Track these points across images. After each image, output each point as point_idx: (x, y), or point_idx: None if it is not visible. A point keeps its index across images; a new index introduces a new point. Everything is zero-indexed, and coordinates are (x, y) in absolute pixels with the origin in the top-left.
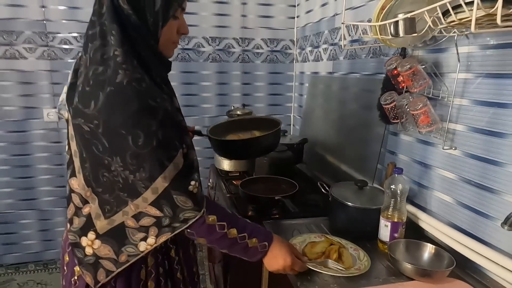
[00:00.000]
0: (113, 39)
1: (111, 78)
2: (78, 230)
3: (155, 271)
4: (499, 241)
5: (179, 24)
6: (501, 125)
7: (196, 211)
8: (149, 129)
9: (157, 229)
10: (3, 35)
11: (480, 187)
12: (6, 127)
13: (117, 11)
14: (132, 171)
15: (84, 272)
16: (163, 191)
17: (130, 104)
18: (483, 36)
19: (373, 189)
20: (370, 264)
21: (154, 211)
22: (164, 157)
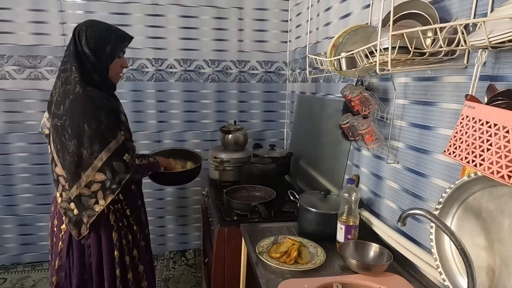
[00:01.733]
0: (74, 69)
1: (72, 90)
2: (67, 200)
3: (116, 225)
4: (427, 241)
5: (121, 61)
6: (425, 143)
7: (126, 173)
8: (99, 118)
9: (102, 193)
10: (29, 59)
11: (414, 195)
12: (28, 139)
13: (78, 53)
14: (86, 148)
15: (72, 227)
16: (106, 159)
17: (86, 104)
18: (414, 71)
19: (337, 197)
20: (325, 259)
21: (100, 176)
22: (108, 136)
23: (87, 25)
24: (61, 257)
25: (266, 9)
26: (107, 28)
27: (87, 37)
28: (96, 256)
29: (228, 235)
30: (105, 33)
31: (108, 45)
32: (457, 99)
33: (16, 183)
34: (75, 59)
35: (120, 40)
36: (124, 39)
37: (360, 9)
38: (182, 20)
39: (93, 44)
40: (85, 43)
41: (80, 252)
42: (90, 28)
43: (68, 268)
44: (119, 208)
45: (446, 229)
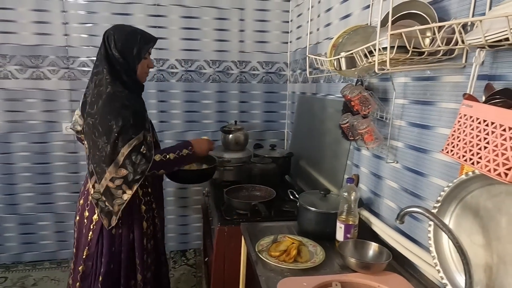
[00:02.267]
0: (105, 71)
1: (104, 91)
2: (99, 191)
3: (146, 215)
4: (425, 240)
5: (148, 62)
6: (424, 142)
7: (147, 163)
8: (125, 116)
9: (126, 185)
10: (31, 59)
11: (413, 195)
12: (30, 139)
13: (108, 56)
14: (111, 144)
15: (103, 217)
16: (127, 154)
17: (115, 103)
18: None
19: (336, 197)
20: (325, 258)
21: (122, 172)
22: (132, 132)
23: (115, 29)
24: (90, 247)
25: (267, 10)
26: (133, 31)
27: (115, 40)
28: (127, 245)
29: (228, 234)
30: (131, 35)
31: (135, 47)
32: (456, 98)
33: (18, 182)
34: (106, 62)
35: (145, 41)
36: (149, 40)
37: (360, 10)
38: (184, 21)
39: (120, 47)
40: (113, 47)
41: (110, 241)
42: (117, 32)
43: (95, 258)
44: (149, 200)
45: (444, 227)
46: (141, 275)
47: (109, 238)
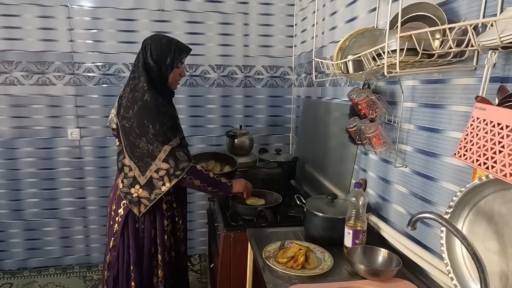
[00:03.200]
0: (143, 79)
1: (140, 98)
2: (128, 185)
3: (167, 213)
4: (437, 246)
5: (180, 70)
6: (434, 146)
7: (189, 162)
8: (161, 120)
9: (167, 177)
10: (37, 65)
11: (423, 200)
12: (35, 144)
13: (146, 64)
14: (152, 144)
15: (133, 206)
16: (169, 151)
17: (152, 110)
18: (422, 73)
19: (344, 202)
20: (333, 265)
21: (165, 165)
22: (170, 134)
23: (152, 39)
24: (115, 238)
25: (271, 14)
26: (169, 41)
27: (151, 50)
28: (149, 238)
29: (234, 240)
30: (166, 46)
31: (169, 56)
32: (467, 101)
33: (23, 188)
34: (143, 70)
35: (179, 52)
36: (183, 51)
37: (366, 13)
38: (188, 26)
39: (155, 56)
40: (149, 56)
41: (135, 234)
42: (154, 42)
43: (121, 248)
44: (170, 200)
45: (458, 233)
46: (162, 271)
47: (134, 232)
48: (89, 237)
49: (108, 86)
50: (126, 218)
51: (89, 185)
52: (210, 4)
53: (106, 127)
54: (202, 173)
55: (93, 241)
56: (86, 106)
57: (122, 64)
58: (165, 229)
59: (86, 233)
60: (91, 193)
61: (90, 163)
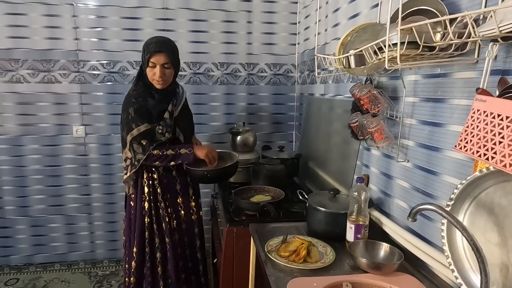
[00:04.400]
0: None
1: None
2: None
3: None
4: (438, 240)
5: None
6: (436, 140)
7: (143, 154)
8: (127, 110)
9: (130, 167)
10: (42, 63)
11: (424, 194)
12: (41, 142)
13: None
14: (124, 131)
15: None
16: (130, 141)
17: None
18: (423, 68)
19: (346, 197)
20: (335, 259)
21: (129, 154)
22: (132, 123)
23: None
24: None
25: (274, 12)
26: (147, 41)
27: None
28: (134, 217)
29: (237, 235)
30: (144, 44)
31: (143, 56)
32: (468, 95)
33: (29, 185)
34: (140, 66)
35: (146, 52)
36: (148, 51)
37: (368, 9)
38: (192, 24)
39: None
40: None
41: (129, 210)
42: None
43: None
44: (152, 184)
45: (458, 224)
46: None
47: (128, 207)
48: (94, 233)
49: (113, 84)
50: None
51: (93, 182)
52: (213, 2)
53: (112, 124)
54: (159, 156)
55: (97, 237)
56: (91, 104)
57: (126, 62)
58: (146, 211)
59: (91, 230)
60: (95, 190)
61: (95, 160)
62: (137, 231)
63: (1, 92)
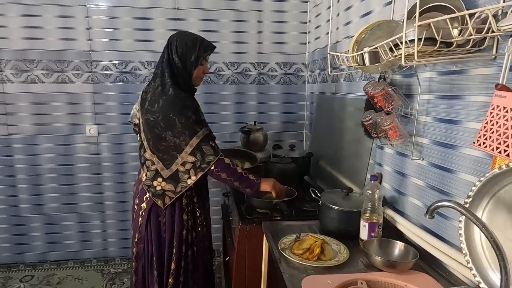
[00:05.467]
0: (167, 74)
1: (166, 92)
2: (150, 178)
3: (187, 208)
4: (454, 238)
5: (204, 68)
6: (452, 138)
7: (215, 156)
8: (186, 114)
9: (193, 171)
10: (56, 63)
11: (440, 192)
12: (55, 141)
13: (170, 60)
14: (178, 137)
15: (156, 199)
16: (196, 144)
17: (176, 104)
18: (438, 65)
19: (359, 196)
20: (349, 257)
21: (191, 158)
22: (196, 127)
23: (178, 36)
24: (140, 231)
25: (285, 11)
26: (194, 39)
27: (176, 46)
28: (169, 233)
29: (249, 233)
30: (191, 42)
31: (193, 54)
32: (486, 91)
33: (44, 183)
34: (168, 66)
35: (204, 49)
36: (208, 48)
37: (381, 7)
38: (203, 24)
39: (180, 53)
40: (175, 52)
41: (157, 228)
42: (179, 39)
43: (146, 241)
44: (190, 194)
45: (478, 221)
46: (175, 264)
47: (156, 225)
48: (106, 231)
49: (125, 84)
50: (150, 212)
51: (106, 180)
52: (224, 2)
53: (124, 124)
54: (230, 166)
55: (110, 235)
56: (103, 104)
57: (138, 62)
58: (184, 223)
59: (104, 228)
60: (108, 189)
61: (107, 159)
62: (177, 246)
63: (16, 92)
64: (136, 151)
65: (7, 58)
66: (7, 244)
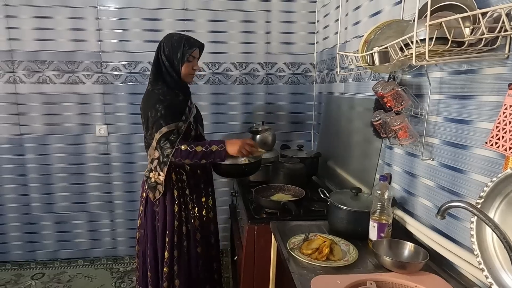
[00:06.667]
0: (151, 73)
1: (146, 90)
2: (149, 169)
3: (178, 200)
4: (465, 239)
5: (192, 64)
6: (463, 138)
7: (171, 148)
8: (156, 108)
9: (159, 167)
10: (67, 64)
11: (451, 192)
12: (66, 141)
13: (158, 61)
14: (148, 132)
15: (149, 191)
16: (158, 139)
17: (151, 98)
18: (449, 64)
19: (368, 196)
20: (358, 257)
21: (156, 153)
22: (162, 121)
23: (165, 38)
24: (141, 218)
25: (293, 11)
26: (179, 38)
27: (163, 47)
28: (162, 222)
29: (258, 233)
30: (176, 42)
31: (179, 51)
32: (498, 91)
33: (54, 182)
34: (155, 66)
35: (189, 46)
36: (192, 45)
37: (391, 6)
38: (211, 24)
39: (167, 52)
40: (162, 52)
41: (152, 216)
42: (166, 40)
43: (145, 227)
44: (182, 186)
45: (490, 222)
46: (168, 253)
47: (151, 213)
48: (115, 230)
49: (134, 84)
50: (147, 200)
51: (115, 180)
52: (232, 3)
53: (133, 124)
54: (188, 151)
55: (119, 234)
56: (113, 104)
57: (147, 63)
58: (175, 214)
59: (113, 227)
60: (117, 188)
61: (117, 159)
62: (169, 236)
63: (28, 92)
64: (145, 151)
65: (20, 59)
66: (19, 242)
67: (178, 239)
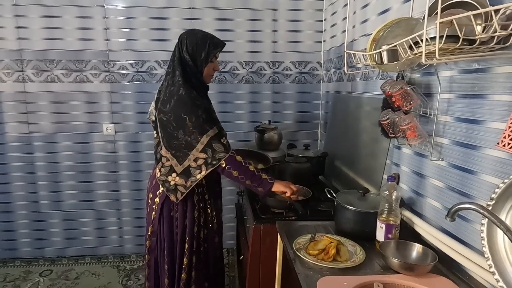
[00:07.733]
0: (178, 73)
1: (176, 92)
2: (165, 174)
3: (198, 205)
4: (475, 241)
5: (214, 65)
6: (473, 138)
7: (225, 153)
8: (197, 113)
9: (205, 166)
10: (75, 63)
11: (460, 193)
12: (73, 139)
13: (181, 58)
14: (189, 136)
15: (170, 194)
16: (206, 142)
17: (187, 103)
18: (460, 63)
19: (375, 197)
20: (365, 258)
21: (203, 155)
22: (206, 126)
23: (188, 34)
24: (153, 225)
25: (300, 10)
26: (203, 36)
27: (187, 44)
28: (181, 228)
29: (264, 232)
30: (201, 40)
31: (203, 51)
32: (510, 90)
33: (62, 180)
34: (179, 64)
35: (214, 46)
36: (217, 45)
37: (400, 4)
38: (218, 23)
39: (191, 51)
40: (185, 50)
41: (169, 222)
42: (189, 37)
43: (159, 234)
44: (201, 191)
45: (502, 224)
46: (188, 259)
47: (168, 220)
48: (122, 228)
49: (141, 83)
50: (162, 206)
51: (122, 178)
52: (239, 1)
53: (140, 122)
54: (241, 164)
55: (126, 232)
56: (120, 103)
57: (154, 62)
58: (195, 220)
59: (120, 225)
60: (124, 186)
61: (124, 157)
62: (189, 242)
63: (37, 91)
64: (152, 149)
65: (29, 58)
66: (28, 239)
67: (197, 244)
